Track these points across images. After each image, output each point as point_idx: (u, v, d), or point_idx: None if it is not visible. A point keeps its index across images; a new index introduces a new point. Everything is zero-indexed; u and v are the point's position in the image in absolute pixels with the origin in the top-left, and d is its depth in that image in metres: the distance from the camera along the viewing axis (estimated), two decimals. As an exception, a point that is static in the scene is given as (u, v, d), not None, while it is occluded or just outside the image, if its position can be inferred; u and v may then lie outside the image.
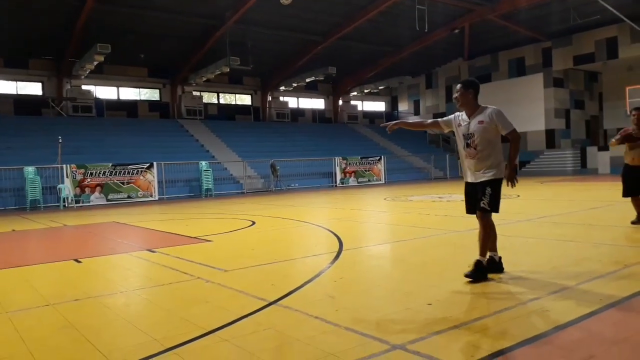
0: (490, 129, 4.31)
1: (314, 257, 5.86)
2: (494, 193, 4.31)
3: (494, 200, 4.32)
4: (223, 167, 22.58)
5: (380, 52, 28.78)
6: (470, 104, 4.41)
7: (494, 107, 4.40)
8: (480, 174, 4.38)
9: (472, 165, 4.43)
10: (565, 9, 22.62)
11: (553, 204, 11.14)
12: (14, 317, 3.78)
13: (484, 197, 4.31)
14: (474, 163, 4.40)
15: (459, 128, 4.50)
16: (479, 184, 4.37)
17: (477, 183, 4.40)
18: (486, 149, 4.33)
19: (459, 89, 4.46)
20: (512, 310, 3.38)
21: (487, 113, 4.33)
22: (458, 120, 4.52)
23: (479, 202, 4.33)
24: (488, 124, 4.30)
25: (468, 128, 4.40)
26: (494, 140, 4.35)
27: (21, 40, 22.03)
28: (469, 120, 4.42)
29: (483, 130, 4.31)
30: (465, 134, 4.43)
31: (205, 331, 3.19)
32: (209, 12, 21.67)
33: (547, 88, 27.24)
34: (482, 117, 4.33)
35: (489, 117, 4.30)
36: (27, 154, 18.46)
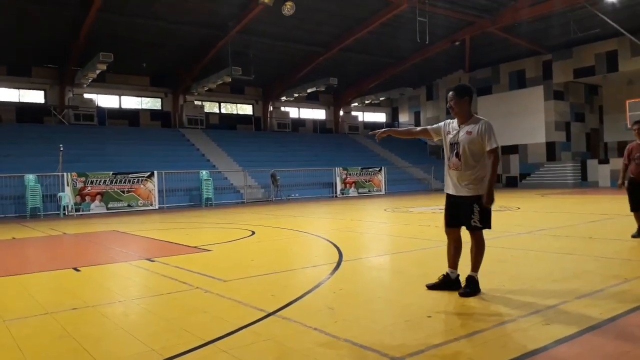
0: (476, 142, 4.15)
1: (313, 268, 5.84)
2: (482, 209, 4.15)
3: (485, 216, 4.17)
4: (223, 177, 22.59)
5: (382, 63, 28.94)
6: (465, 112, 4.26)
7: (486, 120, 4.25)
8: (463, 187, 4.22)
9: (454, 177, 4.28)
10: (566, 22, 22.76)
11: (553, 217, 11.12)
12: (11, 325, 3.76)
13: (473, 214, 4.16)
14: (457, 174, 4.26)
15: (447, 136, 4.34)
16: (461, 199, 4.23)
17: (458, 196, 4.26)
18: (471, 161, 4.17)
19: (452, 96, 4.26)
20: (512, 324, 3.37)
21: (478, 125, 4.17)
22: (448, 128, 4.37)
23: (470, 220, 4.18)
24: (475, 136, 4.15)
25: (457, 137, 4.24)
26: (480, 153, 4.17)
27: (24, 49, 22.16)
28: (458, 128, 4.27)
29: (469, 141, 4.16)
30: (452, 143, 4.28)
31: (203, 341, 3.18)
32: (211, 22, 21.83)
33: (548, 101, 27.32)
34: (471, 128, 4.18)
35: (478, 129, 4.15)
36: (28, 162, 18.48)
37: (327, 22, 23.12)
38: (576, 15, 22.30)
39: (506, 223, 9.88)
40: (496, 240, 7.34)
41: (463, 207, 4.23)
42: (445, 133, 4.38)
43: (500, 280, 4.70)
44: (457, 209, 4.29)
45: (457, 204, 4.28)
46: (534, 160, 27.88)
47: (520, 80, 28.43)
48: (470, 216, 4.18)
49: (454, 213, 4.34)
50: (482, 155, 4.18)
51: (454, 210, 4.33)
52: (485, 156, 4.17)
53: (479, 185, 4.16)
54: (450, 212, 4.38)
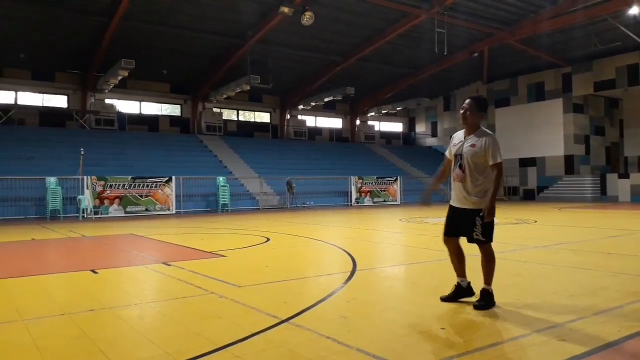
0: (479, 155, 4.09)
1: (327, 276, 5.85)
2: (485, 223, 4.07)
3: (487, 229, 4.10)
4: (240, 183, 22.74)
5: (399, 73, 28.94)
6: (476, 124, 4.24)
7: (492, 133, 4.19)
8: (465, 200, 4.18)
9: (458, 189, 4.24)
10: (586, 34, 22.56)
11: (571, 231, 10.97)
12: (30, 325, 3.83)
13: (475, 227, 4.10)
14: (460, 186, 4.21)
15: (453, 147, 4.30)
16: (464, 211, 4.18)
17: (461, 209, 4.21)
18: (475, 174, 4.12)
19: (470, 106, 4.22)
20: (527, 338, 3.33)
21: (482, 138, 4.12)
22: (454, 141, 4.34)
23: (472, 233, 4.12)
24: (479, 149, 4.10)
25: (461, 148, 4.20)
26: (483, 166, 4.11)
27: (48, 54, 22.69)
28: (463, 140, 4.23)
29: (473, 154, 4.11)
30: (456, 154, 4.24)
31: (217, 346, 3.21)
32: (231, 31, 22.10)
33: (567, 113, 27.01)
34: (475, 141, 4.13)
35: (482, 144, 4.09)
36: (50, 165, 18.85)
37: (345, 32, 23.24)
38: (597, 27, 22.08)
39: (522, 236, 9.78)
40: (512, 254, 7.27)
41: (465, 219, 4.17)
42: (452, 145, 4.35)
43: (515, 294, 4.65)
44: (459, 219, 4.24)
45: (459, 215, 4.23)
46: (552, 173, 27.53)
47: (539, 93, 28.18)
48: (472, 229, 4.13)
49: (454, 223, 4.29)
50: (486, 168, 4.12)
51: (455, 220, 4.28)
52: (488, 168, 4.11)
53: (483, 198, 4.10)
54: (450, 222, 4.32)
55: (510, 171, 29.44)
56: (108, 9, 19.04)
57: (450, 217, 4.35)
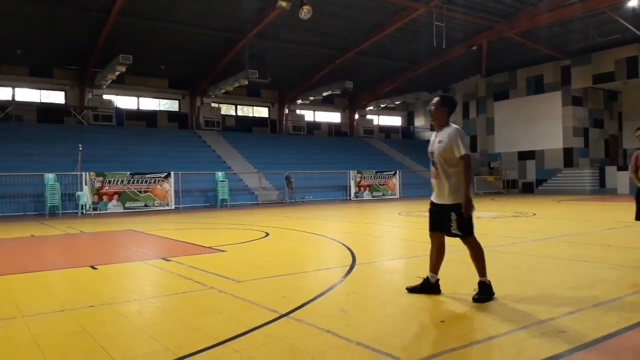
0: (447, 150, 4.16)
1: (326, 271, 5.85)
2: (459, 218, 4.16)
3: (463, 223, 4.17)
4: (239, 178, 22.73)
5: (398, 67, 28.88)
6: (441, 120, 4.30)
7: (457, 126, 4.25)
8: (441, 195, 4.27)
9: (434, 185, 4.36)
10: (585, 27, 22.49)
11: (570, 224, 10.99)
12: (29, 321, 3.84)
13: (451, 223, 4.18)
14: (435, 183, 4.32)
15: (429, 146, 4.44)
16: (441, 207, 4.27)
17: (438, 204, 4.31)
18: (447, 169, 4.19)
19: (435, 102, 4.34)
20: (527, 330, 3.34)
21: (448, 132, 4.19)
22: (431, 139, 4.47)
23: (449, 228, 4.21)
24: (446, 144, 4.17)
25: (432, 146, 4.31)
26: (454, 160, 4.16)
27: (46, 50, 22.59)
28: (434, 138, 4.35)
29: (442, 150, 4.19)
30: (430, 152, 4.35)
31: (217, 341, 3.21)
32: (229, 26, 22.01)
33: (566, 106, 27.00)
34: (442, 137, 4.22)
35: (448, 137, 4.17)
36: (48, 161, 18.81)
37: (344, 26, 23.15)
38: (596, 20, 22.03)
39: (521, 229, 9.79)
40: (511, 247, 7.28)
41: (443, 214, 4.26)
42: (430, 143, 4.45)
43: (514, 286, 4.66)
44: (439, 215, 4.32)
45: (438, 211, 4.33)
46: (550, 166, 27.54)
47: (538, 86, 28.14)
48: (449, 224, 4.21)
49: (436, 219, 4.39)
50: (457, 163, 4.16)
51: (436, 215, 4.38)
52: (454, 168, 4.17)
53: (457, 193, 4.17)
54: (432, 217, 4.44)
55: (509, 164, 29.46)
56: (105, 4, 18.93)
57: (431, 213, 4.45)
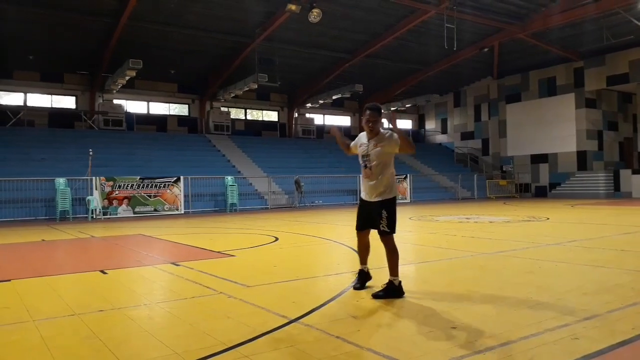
0: (384, 152, 4.61)
1: (336, 276, 5.81)
2: (389, 215, 4.57)
3: (391, 221, 4.59)
4: (248, 183, 22.76)
5: (408, 69, 28.81)
6: (377, 128, 4.71)
7: (390, 131, 4.68)
8: (375, 193, 4.65)
9: (367, 185, 4.71)
10: (598, 28, 22.28)
11: (584, 228, 10.84)
12: (40, 325, 3.84)
13: (382, 220, 4.56)
14: (368, 182, 4.70)
15: (359, 148, 4.81)
16: (374, 204, 4.65)
17: (371, 202, 4.69)
18: (379, 171, 4.62)
19: (371, 115, 4.65)
20: (540, 337, 3.28)
21: (385, 137, 4.63)
22: (359, 142, 4.84)
23: (379, 225, 4.58)
24: (382, 147, 4.61)
25: (367, 149, 4.68)
26: (387, 162, 4.66)
27: (57, 56, 22.86)
28: (367, 142, 4.71)
29: (380, 153, 4.61)
30: (363, 155, 4.72)
31: (226, 346, 3.19)
32: (238, 30, 22.11)
33: (579, 109, 26.74)
34: (380, 142, 4.63)
35: (387, 141, 4.59)
36: (59, 166, 18.98)
37: (353, 29, 23.15)
38: (609, 21, 21.82)
39: (534, 234, 9.67)
40: (524, 251, 7.19)
41: (374, 212, 4.64)
42: (357, 146, 4.87)
43: (527, 291, 4.59)
44: (369, 214, 4.70)
45: (369, 210, 4.70)
46: (564, 170, 27.27)
47: (551, 88, 27.91)
48: (379, 221, 4.59)
49: (365, 216, 4.77)
50: (390, 164, 4.70)
51: (366, 213, 4.76)
52: (390, 165, 4.69)
53: (389, 190, 4.64)
54: (361, 217, 4.83)
55: (521, 168, 29.22)
56: (115, 9, 19.13)
57: (361, 212, 4.84)
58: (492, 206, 19.89)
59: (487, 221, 12.74)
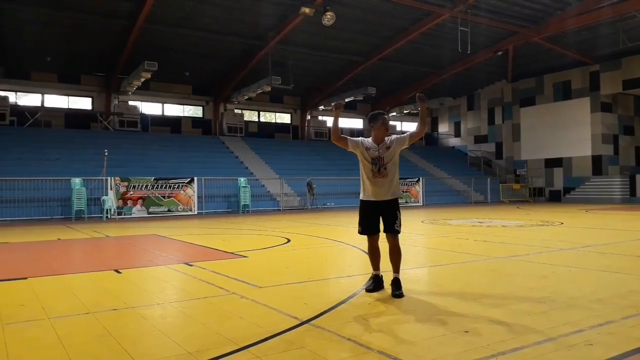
0: (394, 153, 4.92)
1: (348, 278, 5.82)
2: (399, 215, 4.92)
3: (400, 222, 4.94)
4: (261, 184, 22.85)
5: (421, 72, 28.72)
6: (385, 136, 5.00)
7: (396, 135, 5.05)
8: (387, 194, 4.90)
9: (380, 185, 4.89)
10: (615, 32, 22.03)
11: (599, 233, 10.70)
12: (55, 323, 3.90)
13: (396, 220, 4.85)
14: (383, 182, 4.88)
15: (367, 151, 4.94)
16: (387, 203, 4.88)
17: (384, 201, 4.89)
18: (393, 170, 4.93)
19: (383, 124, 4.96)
20: (552, 342, 3.25)
21: (392, 139, 4.96)
22: (366, 145, 4.98)
23: (393, 225, 4.83)
24: (394, 148, 4.93)
25: (378, 153, 4.90)
26: (397, 162, 4.99)
27: (74, 57, 23.17)
28: (377, 146, 4.93)
29: (392, 154, 4.91)
30: (374, 158, 4.90)
31: (238, 347, 3.21)
32: (252, 33, 22.23)
33: (594, 113, 26.43)
34: (389, 144, 4.92)
35: (395, 142, 4.93)
36: (75, 166, 19.23)
37: (367, 32, 23.15)
38: (625, 24, 21.56)
39: (548, 238, 9.58)
40: (537, 256, 7.13)
41: (388, 211, 4.87)
42: (364, 148, 4.98)
43: (541, 296, 4.55)
44: (380, 214, 4.89)
45: (380, 209, 4.89)
46: (578, 174, 26.96)
47: (566, 92, 27.63)
48: (394, 221, 4.84)
49: (375, 219, 4.92)
50: (397, 164, 5.01)
51: (376, 216, 4.91)
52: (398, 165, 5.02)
53: (397, 190, 5.00)
54: (370, 219, 4.94)
55: (535, 172, 28.94)
56: (132, 12, 19.35)
57: (370, 213, 4.94)
58: (505, 210, 19.72)
59: (500, 225, 12.64)
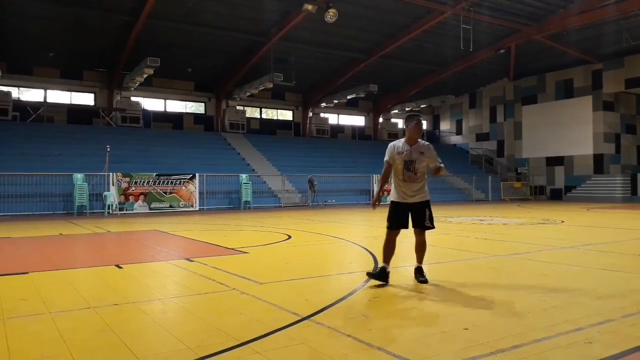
0: (425, 159, 5.17)
1: (348, 275, 5.83)
2: (430, 213, 5.20)
3: (432, 218, 5.23)
4: (262, 181, 22.87)
5: (423, 70, 28.67)
6: (419, 136, 5.26)
7: (428, 142, 5.33)
8: (419, 195, 5.18)
9: (408, 187, 5.17)
10: (618, 30, 21.95)
11: (600, 232, 10.70)
12: (56, 317, 3.92)
13: (427, 217, 5.17)
14: (411, 185, 5.16)
15: (399, 155, 5.17)
16: (417, 204, 5.17)
17: (414, 203, 5.18)
18: (422, 173, 5.21)
19: (417, 125, 5.20)
20: (551, 340, 3.26)
21: (426, 146, 5.22)
22: (397, 149, 5.21)
23: (423, 222, 5.15)
24: (425, 155, 5.17)
25: (410, 155, 5.13)
26: (426, 167, 5.26)
27: (77, 53, 23.18)
28: (410, 149, 5.16)
29: (422, 159, 5.15)
30: (406, 161, 5.14)
31: (238, 342, 3.22)
32: (254, 29, 22.21)
33: (597, 111, 26.38)
34: (422, 149, 5.18)
35: (428, 150, 5.19)
36: (77, 162, 19.27)
37: (369, 29, 23.12)
38: (629, 23, 21.49)
39: (549, 237, 9.58)
40: (538, 254, 7.13)
41: (417, 212, 5.16)
42: (396, 152, 5.21)
43: (540, 294, 4.55)
44: (408, 213, 5.19)
45: (409, 210, 5.19)
46: (580, 173, 26.93)
47: (568, 90, 27.57)
48: (424, 218, 5.16)
49: (402, 217, 5.21)
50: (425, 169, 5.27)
51: (404, 215, 5.21)
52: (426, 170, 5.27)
53: (427, 193, 5.27)
54: (398, 217, 5.22)
55: (537, 170, 28.91)
56: (134, 8, 19.34)
57: (399, 213, 5.21)
58: (506, 208, 19.71)
59: (501, 223, 12.64)
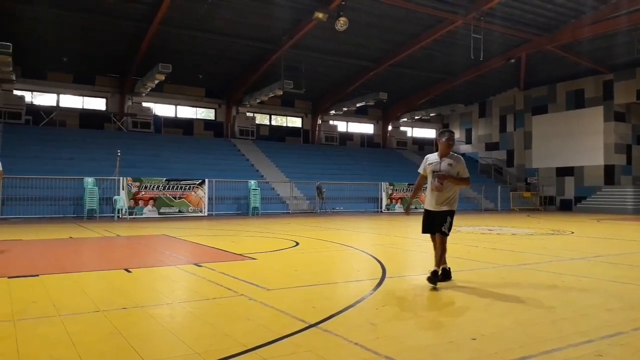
0: (453, 171, 5.52)
1: (356, 283, 5.82)
2: (451, 221, 5.54)
3: (450, 226, 5.55)
4: (271, 187, 22.91)
5: (433, 79, 28.66)
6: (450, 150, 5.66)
7: (459, 155, 5.76)
8: (441, 205, 5.54)
9: (435, 197, 5.56)
10: (629, 41, 21.85)
11: (610, 244, 10.59)
12: (65, 320, 3.94)
13: (445, 223, 5.48)
14: (437, 195, 5.54)
15: (429, 165, 5.66)
16: (439, 213, 5.53)
17: (436, 211, 5.55)
18: (449, 185, 5.52)
19: (448, 140, 5.59)
20: (561, 352, 3.23)
21: (456, 158, 5.60)
22: (428, 161, 5.72)
23: (440, 227, 5.48)
24: (453, 167, 5.53)
25: (439, 166, 5.56)
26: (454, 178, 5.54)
27: (90, 59, 23.46)
28: (439, 160, 5.60)
29: (449, 170, 5.51)
30: (435, 171, 5.56)
31: (245, 348, 3.22)
32: (265, 37, 22.35)
33: (608, 122, 26.19)
34: (451, 161, 5.56)
35: (457, 162, 5.57)
36: (88, 166, 19.42)
37: (379, 38, 23.18)
38: (641, 33, 21.38)
39: (558, 247, 9.50)
40: (547, 265, 7.08)
41: (438, 218, 5.53)
42: (427, 164, 5.73)
43: (550, 305, 4.52)
44: (434, 219, 5.58)
45: (434, 217, 5.58)
46: (590, 183, 26.70)
47: (579, 100, 27.42)
48: (442, 225, 5.49)
49: (430, 222, 5.65)
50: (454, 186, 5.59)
51: (431, 220, 5.63)
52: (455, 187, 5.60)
53: (454, 203, 5.58)
54: (428, 222, 5.69)
55: (546, 180, 28.72)
56: (147, 14, 19.56)
57: (427, 219, 5.70)
58: (516, 218, 19.58)
59: (510, 233, 12.55)
